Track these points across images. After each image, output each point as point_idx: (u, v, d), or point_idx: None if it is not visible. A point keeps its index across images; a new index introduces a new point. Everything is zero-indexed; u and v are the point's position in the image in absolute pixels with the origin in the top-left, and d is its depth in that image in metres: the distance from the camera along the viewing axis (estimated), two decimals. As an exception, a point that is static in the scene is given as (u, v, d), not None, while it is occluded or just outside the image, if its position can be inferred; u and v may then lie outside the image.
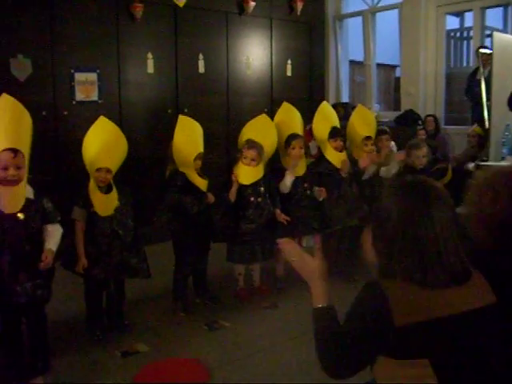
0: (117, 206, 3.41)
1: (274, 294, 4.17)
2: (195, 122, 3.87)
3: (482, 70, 5.57)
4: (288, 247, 1.69)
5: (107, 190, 3.40)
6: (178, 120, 3.80)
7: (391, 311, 1.33)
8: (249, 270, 4.22)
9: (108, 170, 3.34)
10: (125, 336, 3.53)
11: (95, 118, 3.50)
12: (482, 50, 5.63)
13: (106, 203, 3.38)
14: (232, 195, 3.93)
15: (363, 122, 4.54)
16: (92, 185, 3.34)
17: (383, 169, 4.57)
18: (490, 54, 5.13)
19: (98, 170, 3.31)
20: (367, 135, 4.51)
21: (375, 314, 1.37)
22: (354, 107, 6.93)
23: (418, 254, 1.38)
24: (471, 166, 5.19)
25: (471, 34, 7.58)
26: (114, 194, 3.42)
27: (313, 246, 4.25)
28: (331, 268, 1.71)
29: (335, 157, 4.36)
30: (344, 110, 7.05)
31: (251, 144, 3.97)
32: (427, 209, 1.39)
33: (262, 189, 3.98)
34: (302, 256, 1.65)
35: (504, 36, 5.41)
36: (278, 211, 4.06)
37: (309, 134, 5.34)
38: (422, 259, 1.38)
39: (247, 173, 3.98)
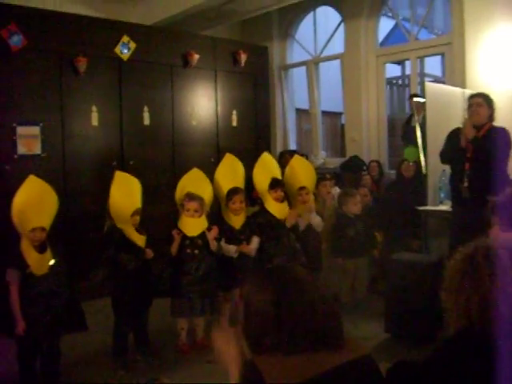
0: (51, 264, 3.40)
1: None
2: (132, 177, 3.90)
3: (416, 117, 5.80)
4: (219, 338, 1.72)
5: (41, 248, 3.38)
6: (115, 176, 3.82)
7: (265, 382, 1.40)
8: (193, 324, 4.19)
9: (43, 229, 3.35)
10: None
11: (38, 172, 3.52)
12: (416, 99, 5.87)
13: (41, 262, 3.37)
14: (174, 249, 3.97)
15: (298, 173, 4.65)
16: (26, 244, 3.32)
17: (314, 221, 4.66)
18: (423, 102, 5.35)
19: (33, 230, 3.30)
20: (301, 186, 4.61)
21: None
22: (302, 154, 7.12)
23: (287, 330, 1.49)
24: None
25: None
26: (49, 252, 3.41)
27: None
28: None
29: (275, 208, 4.44)
30: (291, 158, 7.18)
31: (191, 196, 4.03)
32: (295, 297, 1.52)
33: (200, 241, 4.01)
34: (228, 343, 1.69)
35: (436, 85, 5.65)
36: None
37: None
38: (290, 334, 1.49)
39: (192, 224, 4.02)
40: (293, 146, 8.20)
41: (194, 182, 4.15)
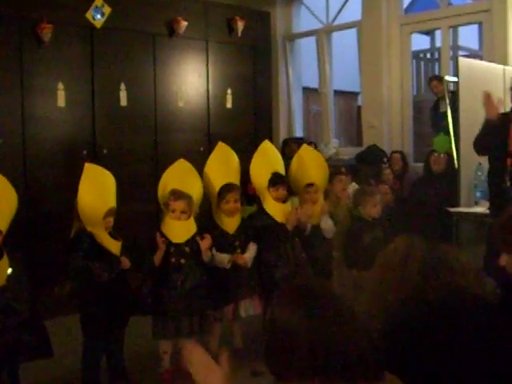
0: (8, 274, 3.40)
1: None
2: (105, 170, 3.90)
3: (446, 100, 5.80)
4: (193, 353, 1.68)
5: (-4, 255, 3.38)
6: (84, 169, 3.81)
7: None
8: (178, 347, 4.19)
9: None
10: None
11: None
12: (448, 78, 5.87)
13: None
14: (157, 259, 3.96)
15: (307, 166, 4.66)
16: (-24, 251, 3.32)
17: (325, 225, 4.65)
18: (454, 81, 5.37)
19: None
20: (309, 182, 4.61)
21: None
22: (310, 143, 7.13)
23: (321, 359, 1.49)
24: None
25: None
26: (5, 259, 3.40)
27: (253, 314, 4.32)
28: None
29: (276, 209, 4.44)
30: (298, 147, 7.17)
31: (178, 194, 4.02)
32: (331, 320, 1.52)
33: (187, 248, 4.01)
34: (207, 364, 1.65)
35: (471, 61, 5.66)
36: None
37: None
38: (325, 363, 1.48)
39: (179, 228, 4.02)
40: (299, 133, 8.20)
41: (180, 177, 4.14)
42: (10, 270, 3.42)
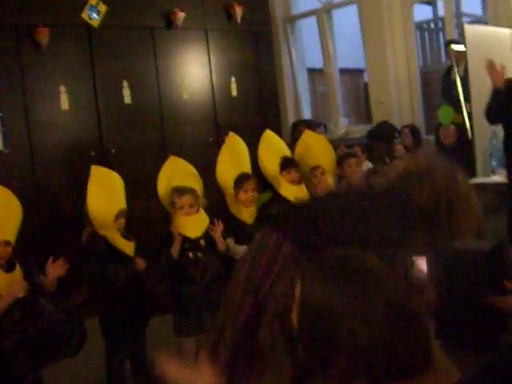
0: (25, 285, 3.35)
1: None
2: (112, 172, 3.87)
3: (456, 69, 5.66)
4: (169, 369, 1.53)
5: (8, 266, 3.32)
6: (91, 172, 3.76)
7: None
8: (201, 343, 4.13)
9: (7, 243, 3.30)
10: None
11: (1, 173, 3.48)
12: (454, 47, 5.72)
13: (9, 284, 3.30)
14: (175, 251, 3.90)
15: (311, 149, 4.64)
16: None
17: None
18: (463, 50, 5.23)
19: None
20: (314, 165, 4.58)
21: None
22: (319, 124, 7.02)
23: (362, 349, 1.30)
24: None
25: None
26: (18, 270, 3.35)
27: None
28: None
29: (292, 192, 4.37)
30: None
31: (182, 189, 3.98)
32: (371, 299, 1.33)
33: (202, 241, 3.97)
34: (189, 376, 1.52)
35: (477, 27, 5.53)
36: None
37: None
38: (367, 354, 1.30)
39: (191, 223, 3.96)
40: (307, 115, 8.09)
41: (177, 173, 4.10)
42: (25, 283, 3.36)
